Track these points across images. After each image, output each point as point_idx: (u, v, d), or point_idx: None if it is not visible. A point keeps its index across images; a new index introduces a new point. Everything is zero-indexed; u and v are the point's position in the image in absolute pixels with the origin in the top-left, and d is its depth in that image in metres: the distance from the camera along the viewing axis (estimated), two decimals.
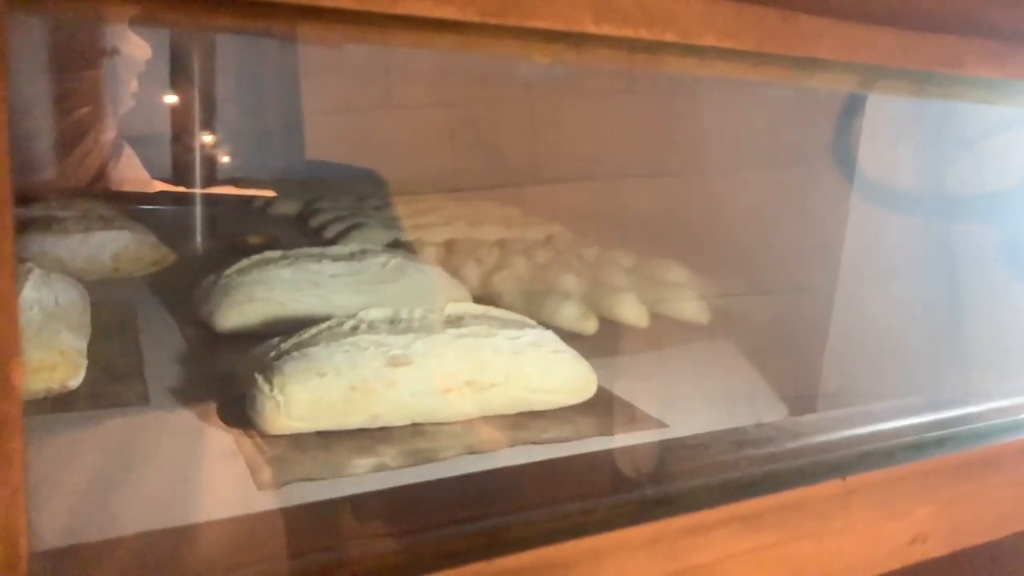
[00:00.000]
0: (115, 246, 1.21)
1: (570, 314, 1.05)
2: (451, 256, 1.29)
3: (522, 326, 0.81)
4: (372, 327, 0.74)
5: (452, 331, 0.76)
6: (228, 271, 0.99)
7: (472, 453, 0.63)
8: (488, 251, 1.32)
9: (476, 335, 0.76)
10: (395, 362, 0.69)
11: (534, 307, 1.08)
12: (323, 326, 0.74)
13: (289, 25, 0.35)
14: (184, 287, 1.03)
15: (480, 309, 0.82)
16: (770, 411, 0.82)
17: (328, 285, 0.99)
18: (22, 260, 0.90)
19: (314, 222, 1.50)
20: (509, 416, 0.73)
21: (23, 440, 0.29)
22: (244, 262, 1.01)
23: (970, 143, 1.16)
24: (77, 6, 0.31)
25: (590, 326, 1.04)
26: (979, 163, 1.17)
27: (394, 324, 0.76)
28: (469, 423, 0.71)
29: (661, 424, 0.71)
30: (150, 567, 0.37)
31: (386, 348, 0.70)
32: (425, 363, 0.70)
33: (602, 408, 0.76)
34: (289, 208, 1.64)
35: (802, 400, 1.15)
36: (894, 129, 1.19)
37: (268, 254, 1.03)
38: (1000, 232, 1.15)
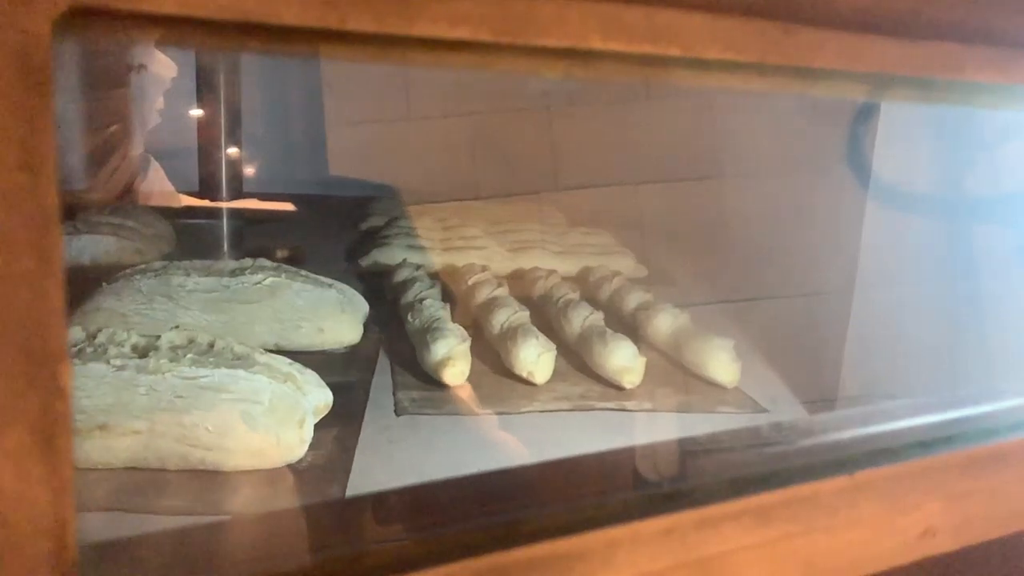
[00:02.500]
0: (94, 251, 1.23)
1: (433, 360, 0.95)
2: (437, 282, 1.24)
3: (219, 364, 0.67)
4: None
5: (117, 362, 0.64)
6: (112, 279, 0.96)
7: None
8: (471, 279, 1.25)
9: (142, 369, 0.64)
10: None
11: (415, 347, 1.01)
12: None
13: (312, 47, 0.38)
14: None
15: (207, 339, 0.72)
16: None
17: (181, 300, 0.94)
18: None
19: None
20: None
21: (72, 437, 0.31)
22: (126, 271, 0.98)
23: (989, 146, 1.17)
24: (120, 32, 0.33)
25: (449, 375, 0.94)
26: (998, 166, 1.17)
27: (78, 348, 0.64)
28: (116, 472, 0.59)
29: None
30: (194, 561, 0.39)
31: None
32: None
33: (293, 482, 0.65)
34: (376, 223, 1.67)
35: (822, 404, 1.15)
36: (910, 132, 1.20)
37: (153, 264, 1.00)
38: (1019, 234, 1.15)
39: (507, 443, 0.87)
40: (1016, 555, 0.57)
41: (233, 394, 0.66)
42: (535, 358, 0.98)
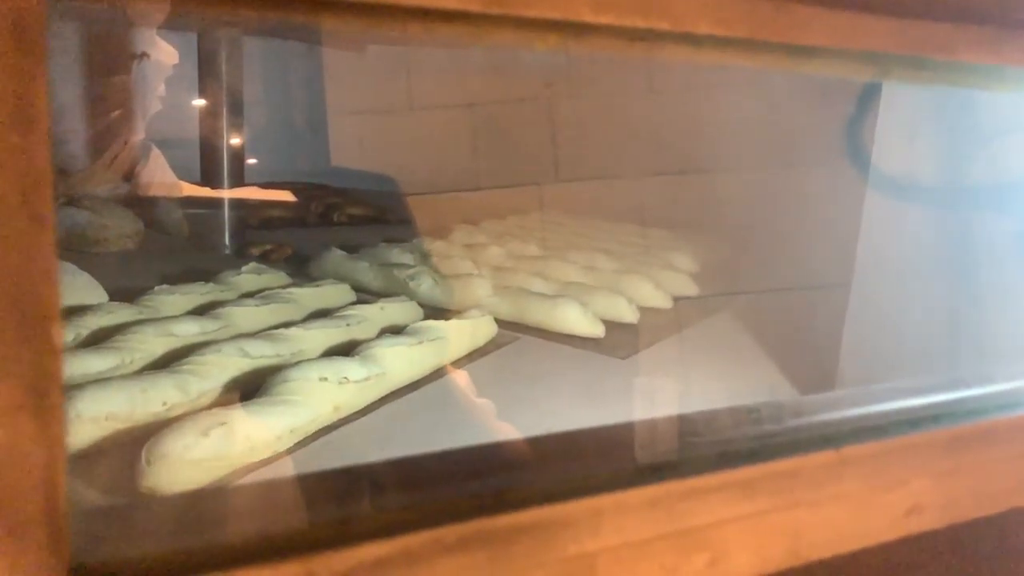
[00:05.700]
0: (67, 223, 1.26)
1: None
2: None
3: None
4: None
5: None
6: None
7: None
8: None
9: None
10: None
11: None
12: None
13: (306, 16, 0.38)
14: None
15: None
16: None
17: None
18: None
19: None
20: None
21: (63, 396, 0.32)
22: None
23: (988, 135, 1.16)
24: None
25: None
26: (997, 155, 1.17)
27: None
28: None
29: None
30: (188, 526, 0.40)
31: None
32: None
33: None
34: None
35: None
36: (910, 122, 1.20)
37: None
38: (1017, 223, 1.15)
39: None
40: (1003, 534, 0.58)
41: None
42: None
